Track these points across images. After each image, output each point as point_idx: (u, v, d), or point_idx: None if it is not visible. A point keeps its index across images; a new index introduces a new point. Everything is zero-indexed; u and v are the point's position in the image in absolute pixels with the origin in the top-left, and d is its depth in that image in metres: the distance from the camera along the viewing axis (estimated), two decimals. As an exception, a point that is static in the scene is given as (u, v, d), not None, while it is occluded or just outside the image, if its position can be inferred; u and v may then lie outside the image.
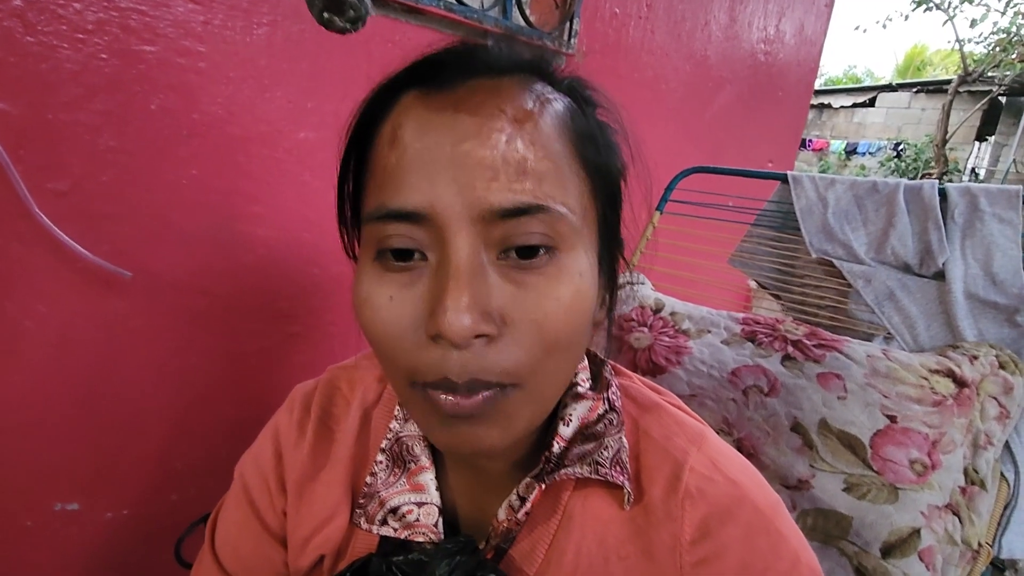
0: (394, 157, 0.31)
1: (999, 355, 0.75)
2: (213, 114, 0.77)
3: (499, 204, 0.30)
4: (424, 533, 0.40)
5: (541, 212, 0.30)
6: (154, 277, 0.77)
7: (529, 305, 0.31)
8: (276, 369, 0.93)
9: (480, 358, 0.30)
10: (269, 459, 0.46)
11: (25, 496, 0.73)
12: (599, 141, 0.35)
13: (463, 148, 0.30)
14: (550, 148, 0.31)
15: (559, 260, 0.32)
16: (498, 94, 0.31)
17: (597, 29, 1.36)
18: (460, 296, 0.29)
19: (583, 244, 0.33)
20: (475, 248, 0.30)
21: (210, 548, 0.47)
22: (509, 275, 0.31)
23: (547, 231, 0.31)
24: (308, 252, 0.92)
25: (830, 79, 18.93)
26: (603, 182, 0.35)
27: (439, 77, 0.32)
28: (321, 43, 0.85)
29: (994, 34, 8.15)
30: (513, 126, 0.30)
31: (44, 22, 0.62)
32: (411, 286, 0.31)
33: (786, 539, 0.36)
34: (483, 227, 0.30)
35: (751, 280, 1.20)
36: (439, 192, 0.30)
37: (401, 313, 0.31)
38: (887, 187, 0.93)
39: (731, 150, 2.10)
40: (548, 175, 0.31)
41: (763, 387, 0.79)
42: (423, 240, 0.31)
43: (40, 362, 0.70)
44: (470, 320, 0.29)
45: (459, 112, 0.31)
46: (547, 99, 0.33)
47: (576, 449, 0.39)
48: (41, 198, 0.65)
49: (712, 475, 0.38)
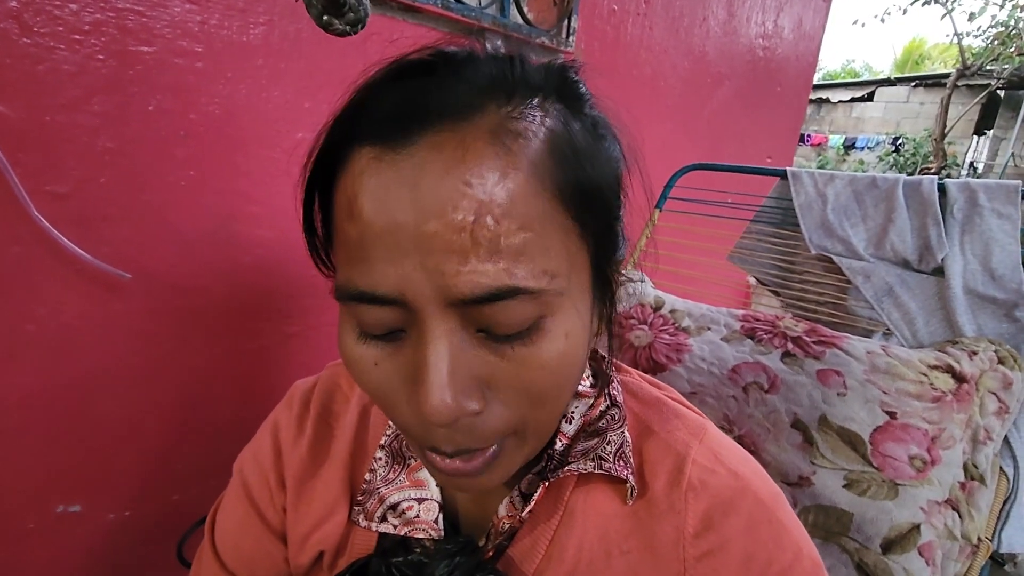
0: (355, 232, 0.28)
1: (998, 350, 0.75)
2: (211, 114, 0.77)
3: (471, 293, 0.27)
4: (424, 529, 0.40)
5: (519, 294, 0.28)
6: (153, 278, 0.77)
7: (512, 374, 0.30)
8: (275, 369, 0.93)
9: (468, 431, 0.30)
10: (268, 455, 0.46)
11: (27, 498, 0.73)
12: (591, 155, 0.32)
13: (428, 229, 0.27)
14: (527, 215, 0.28)
15: (543, 327, 0.30)
16: (459, 159, 0.27)
17: (596, 26, 1.35)
18: (439, 382, 0.28)
19: (571, 299, 0.31)
20: (452, 329, 0.29)
21: (210, 545, 0.47)
22: (489, 347, 0.29)
23: (526, 308, 0.29)
24: (306, 252, 0.92)
25: (828, 74, 18.91)
26: (596, 209, 0.32)
27: (391, 134, 0.28)
28: (318, 42, 0.85)
29: (992, 27, 8.13)
30: (480, 200, 0.27)
31: (41, 23, 0.62)
32: (394, 356, 0.31)
33: (788, 530, 0.36)
34: (459, 310, 0.28)
35: (750, 277, 1.20)
36: (408, 277, 0.27)
37: (387, 379, 0.31)
38: (886, 183, 0.93)
39: (730, 146, 2.10)
40: (526, 247, 0.28)
41: (763, 384, 0.79)
42: (400, 319, 0.30)
43: (41, 364, 0.70)
44: (452, 405, 0.28)
45: (419, 185, 0.27)
46: (522, 147, 0.28)
47: (579, 446, 0.39)
48: (40, 200, 0.65)
49: (714, 467, 0.38)
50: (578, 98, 0.33)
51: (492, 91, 0.29)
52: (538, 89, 0.31)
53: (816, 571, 0.36)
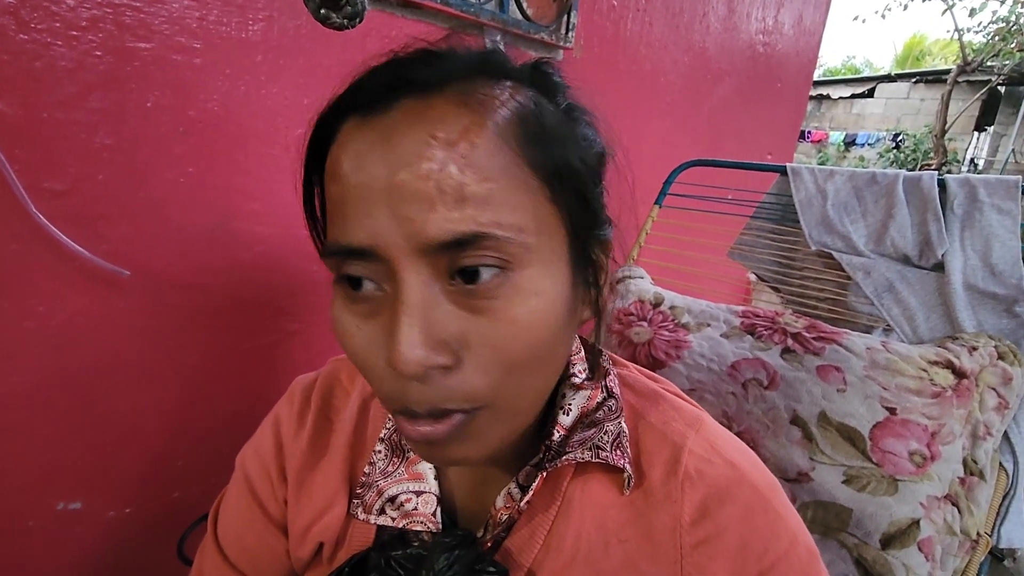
0: (337, 191, 0.31)
1: (998, 346, 0.75)
2: (209, 111, 0.77)
3: (437, 237, 0.29)
4: (422, 522, 0.40)
5: (484, 239, 0.29)
6: (152, 275, 0.76)
7: (484, 331, 0.30)
8: (276, 366, 0.93)
9: (439, 388, 0.30)
10: (270, 449, 0.47)
11: (27, 496, 0.73)
12: (562, 133, 0.34)
13: (398, 179, 0.29)
14: (491, 167, 0.30)
15: (512, 280, 0.30)
16: (429, 117, 0.30)
17: (595, 22, 1.35)
18: (411, 331, 0.29)
19: (541, 259, 0.32)
20: (424, 279, 0.30)
21: (213, 539, 0.47)
22: (461, 302, 0.30)
23: (493, 255, 0.30)
24: (307, 249, 0.90)
25: (829, 70, 18.85)
26: (567, 181, 0.33)
27: (372, 102, 0.31)
28: (317, 38, 0.85)
29: (993, 23, 8.11)
30: (446, 151, 0.29)
31: (37, 19, 0.62)
32: (372, 317, 0.32)
33: (784, 519, 0.37)
34: (429, 258, 0.30)
35: (750, 273, 1.20)
36: (380, 227, 0.29)
37: (367, 342, 0.32)
38: (886, 178, 0.92)
39: (730, 143, 2.10)
40: (491, 197, 0.29)
41: (762, 380, 0.79)
42: (377, 273, 0.31)
43: (40, 361, 0.70)
44: (422, 354, 0.29)
45: (391, 141, 0.30)
46: (488, 106, 0.31)
47: (576, 436, 0.40)
48: (38, 197, 0.65)
49: (711, 457, 0.38)
50: (551, 86, 0.35)
51: (467, 71, 0.32)
52: (511, 74, 0.34)
53: (812, 559, 0.36)
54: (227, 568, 0.46)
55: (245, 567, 0.46)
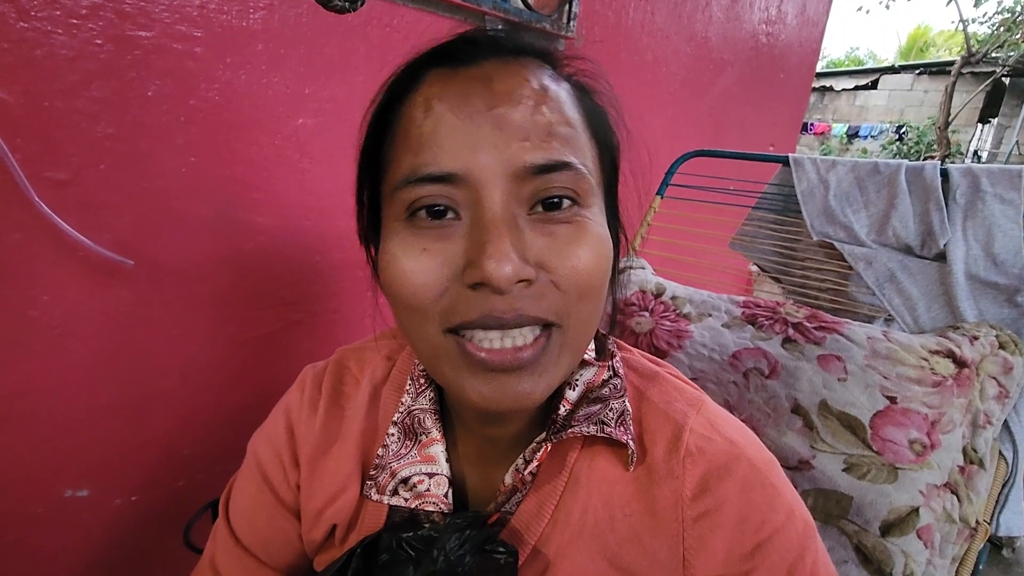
0: (430, 124, 0.34)
1: (999, 335, 0.75)
2: (210, 100, 0.77)
3: (531, 162, 0.33)
4: (434, 503, 0.42)
5: (567, 169, 0.34)
6: (155, 265, 0.77)
7: (561, 251, 0.34)
8: (279, 355, 0.94)
9: (522, 299, 0.33)
10: (282, 434, 0.48)
11: (35, 483, 0.74)
12: (603, 114, 0.40)
13: (496, 112, 0.33)
14: (570, 116, 0.35)
15: (582, 213, 0.35)
16: (521, 70, 0.35)
17: (597, 11, 1.34)
18: (502, 244, 0.31)
19: (599, 203, 0.37)
20: (509, 204, 0.33)
21: (225, 522, 0.48)
22: (540, 228, 0.34)
23: (571, 185, 0.34)
24: (308, 239, 0.92)
25: (832, 61, 18.72)
26: (608, 153, 0.39)
27: (465, 56, 0.36)
28: (318, 27, 0.84)
29: (998, 14, 8.04)
30: (538, 96, 0.34)
31: (38, 7, 0.62)
32: (446, 240, 0.34)
33: (781, 493, 0.38)
34: (515, 184, 0.33)
35: (752, 263, 1.20)
36: (477, 154, 0.33)
37: (436, 263, 0.33)
38: (888, 168, 0.92)
39: (732, 133, 2.09)
40: (570, 139, 0.35)
41: (764, 369, 0.79)
42: (458, 199, 0.34)
43: (45, 351, 0.71)
44: (512, 267, 0.31)
45: (489, 83, 0.34)
46: (560, 75, 0.38)
47: (582, 411, 0.41)
48: (40, 187, 0.65)
49: (711, 435, 0.40)
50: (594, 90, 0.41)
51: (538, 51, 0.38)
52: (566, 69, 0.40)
53: (808, 531, 0.38)
54: (239, 550, 0.47)
55: (257, 550, 0.47)
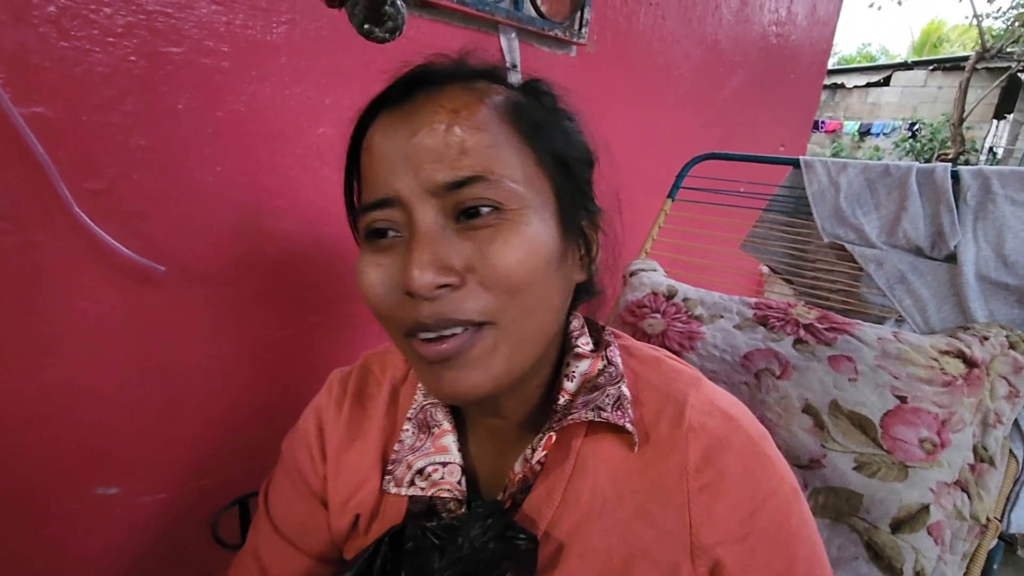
0: (369, 160, 0.40)
1: (1009, 335, 0.76)
2: (236, 112, 0.80)
3: (443, 180, 0.37)
4: (448, 490, 0.45)
5: (480, 181, 0.37)
6: (185, 271, 0.80)
7: (483, 252, 0.37)
8: (301, 357, 0.97)
9: (447, 303, 0.36)
10: (312, 432, 0.52)
11: (69, 480, 0.77)
12: (548, 120, 0.42)
13: (414, 141, 0.37)
14: (487, 131, 0.38)
15: (506, 216, 0.37)
16: (439, 97, 0.39)
17: (608, 17, 1.36)
18: (421, 255, 0.36)
19: (531, 205, 0.39)
20: (435, 217, 0.37)
21: (265, 514, 0.52)
22: (465, 235, 0.37)
23: (487, 195, 0.37)
24: (329, 244, 0.95)
25: (843, 58, 18.53)
26: (552, 154, 0.41)
27: (400, 95, 0.40)
28: (338, 40, 0.87)
29: (1013, 8, 7.93)
30: (450, 117, 0.38)
31: (77, 27, 0.65)
32: (392, 255, 0.39)
33: (773, 462, 0.43)
34: (440, 200, 0.37)
35: (763, 265, 1.21)
36: (400, 179, 0.37)
37: (385, 276, 0.39)
38: (899, 170, 0.93)
39: (743, 135, 2.10)
40: (486, 151, 0.37)
41: (775, 370, 0.81)
42: (397, 219, 0.38)
43: (80, 354, 0.74)
44: (432, 274, 0.35)
45: (410, 116, 0.38)
46: (485, 93, 0.40)
47: (580, 399, 0.44)
48: (78, 196, 0.68)
49: (710, 411, 0.43)
50: (540, 91, 0.44)
51: (472, 74, 0.42)
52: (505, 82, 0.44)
53: (795, 496, 0.43)
54: (278, 538, 0.51)
55: (294, 538, 0.51)
